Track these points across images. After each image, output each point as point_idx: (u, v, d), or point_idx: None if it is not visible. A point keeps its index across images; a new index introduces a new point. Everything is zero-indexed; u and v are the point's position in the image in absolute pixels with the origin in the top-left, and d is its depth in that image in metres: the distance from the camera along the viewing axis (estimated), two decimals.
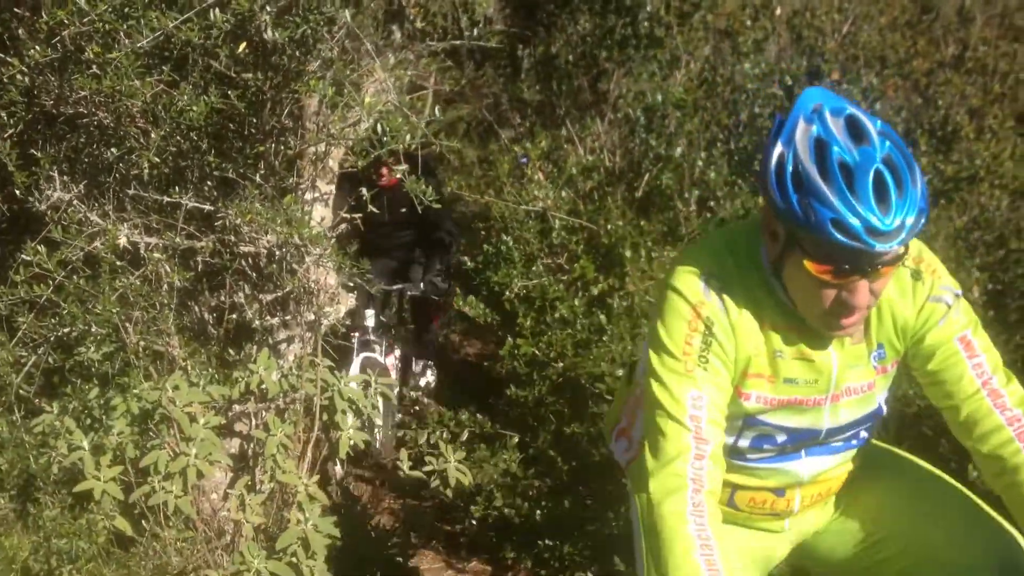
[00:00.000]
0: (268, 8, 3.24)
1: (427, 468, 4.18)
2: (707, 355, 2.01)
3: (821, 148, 1.85)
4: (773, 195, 1.89)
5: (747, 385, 2.10)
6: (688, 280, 2.05)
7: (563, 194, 5.10)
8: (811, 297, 1.94)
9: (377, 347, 5.67)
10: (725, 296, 2.03)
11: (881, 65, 5.21)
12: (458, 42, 5.11)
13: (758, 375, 2.10)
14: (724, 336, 2.02)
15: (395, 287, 5.80)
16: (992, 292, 3.98)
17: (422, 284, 5.65)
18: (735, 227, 2.38)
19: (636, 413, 2.42)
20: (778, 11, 5.43)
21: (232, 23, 3.22)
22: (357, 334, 5.57)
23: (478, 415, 4.79)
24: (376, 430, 5.13)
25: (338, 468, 5.03)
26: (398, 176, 4.69)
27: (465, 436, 4.40)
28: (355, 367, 5.46)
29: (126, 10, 3.22)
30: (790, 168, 1.86)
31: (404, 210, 5.43)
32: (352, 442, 4.12)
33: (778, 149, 1.90)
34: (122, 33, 3.32)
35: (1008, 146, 4.53)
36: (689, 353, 2.01)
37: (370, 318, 5.66)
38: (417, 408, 6.13)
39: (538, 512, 4.40)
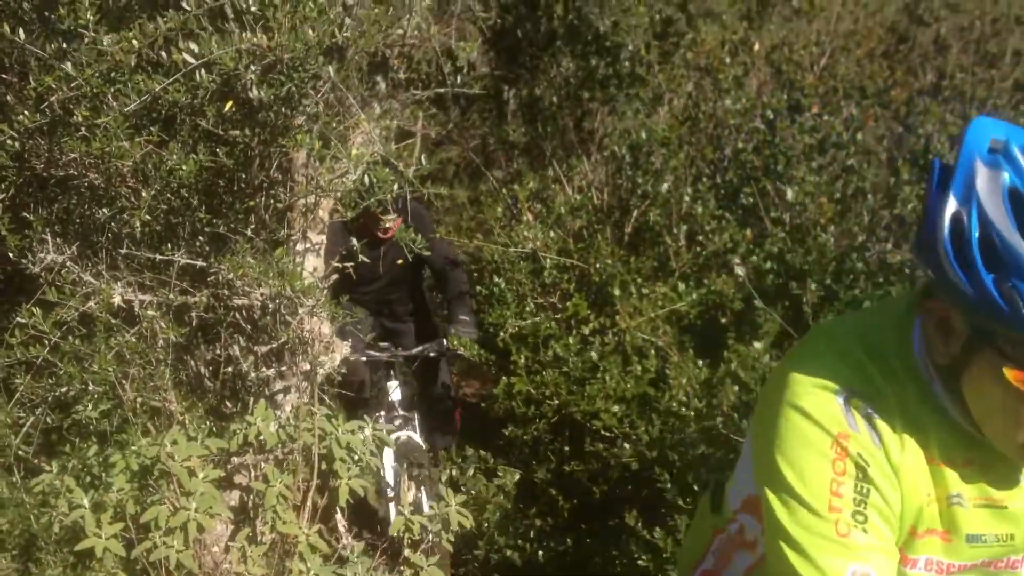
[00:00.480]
0: (253, 67, 3.29)
1: (429, 513, 4.20)
2: (864, 511, 1.41)
3: (1021, 204, 1.30)
4: (951, 275, 1.33)
5: (915, 548, 1.51)
6: (821, 399, 1.46)
7: (552, 234, 5.16)
8: (1009, 417, 1.36)
9: (410, 424, 5.08)
10: (877, 422, 1.44)
11: (860, 96, 5.28)
12: (443, 90, 5.18)
13: (929, 531, 1.49)
14: (884, 481, 1.43)
15: (421, 349, 5.11)
16: None
17: (453, 334, 4.93)
18: (869, 318, 1.65)
19: (733, 556, 1.86)
20: (756, 47, 5.52)
21: (218, 83, 3.27)
22: (382, 413, 5.01)
23: (480, 451, 4.82)
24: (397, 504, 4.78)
25: (339, 518, 5.03)
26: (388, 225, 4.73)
27: (471, 472, 4.42)
28: (390, 457, 4.91)
29: (112, 74, 3.27)
30: (976, 235, 1.30)
31: (400, 262, 5.22)
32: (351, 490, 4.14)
33: (951, 207, 1.34)
34: (110, 96, 3.37)
35: None
36: (839, 508, 1.40)
37: (395, 390, 5.12)
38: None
39: (540, 552, 4.42)
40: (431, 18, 5.32)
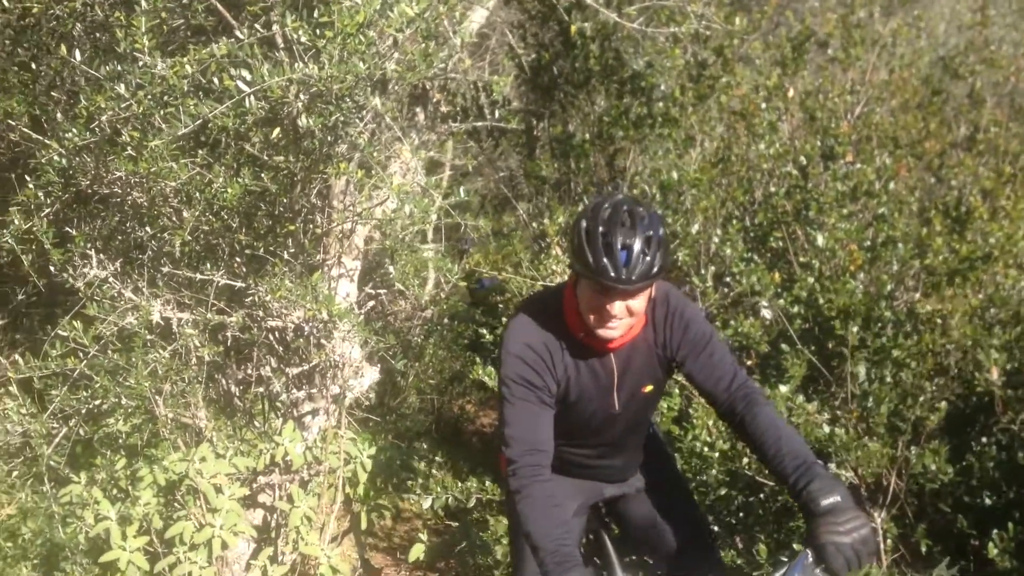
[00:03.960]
0: (301, 96, 3.37)
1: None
2: None
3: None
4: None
5: None
6: None
7: None
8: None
9: None
10: None
11: (894, 145, 5.32)
12: (479, 123, 5.26)
13: None
14: None
15: None
16: (1011, 371, 4.02)
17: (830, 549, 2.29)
18: None
19: None
20: (791, 93, 5.56)
21: (266, 109, 3.34)
22: None
23: (486, 482, 4.81)
24: None
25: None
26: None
27: (472, 503, 4.42)
28: None
29: (165, 98, 3.35)
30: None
31: (648, 388, 2.81)
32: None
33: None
34: (158, 118, 3.45)
35: (1022, 226, 4.60)
36: None
37: None
38: None
39: None
40: (466, 52, 5.43)
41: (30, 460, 4.45)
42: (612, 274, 2.39)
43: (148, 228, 4.03)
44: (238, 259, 4.14)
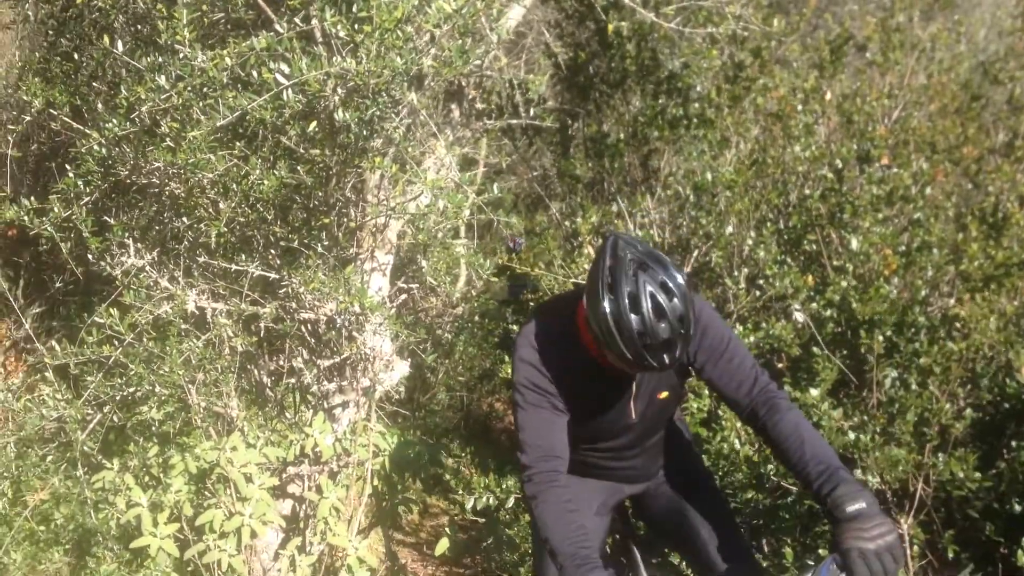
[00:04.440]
0: (339, 90, 3.39)
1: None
2: None
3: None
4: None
5: None
6: None
7: None
8: None
9: None
10: None
11: (931, 150, 5.27)
12: (514, 121, 5.26)
13: None
14: None
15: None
16: None
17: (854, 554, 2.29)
18: None
19: None
20: (828, 96, 5.52)
21: (303, 103, 3.37)
22: None
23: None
24: None
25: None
26: None
27: (511, 502, 4.43)
28: None
29: (204, 89, 3.39)
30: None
31: (664, 394, 2.84)
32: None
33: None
34: (196, 110, 3.49)
35: None
36: None
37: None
38: None
39: None
40: (503, 49, 5.44)
41: (64, 445, 4.51)
42: (656, 365, 2.36)
43: (185, 218, 4.08)
44: (272, 251, 4.18)
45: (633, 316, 2.31)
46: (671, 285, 2.34)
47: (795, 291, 4.54)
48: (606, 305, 2.33)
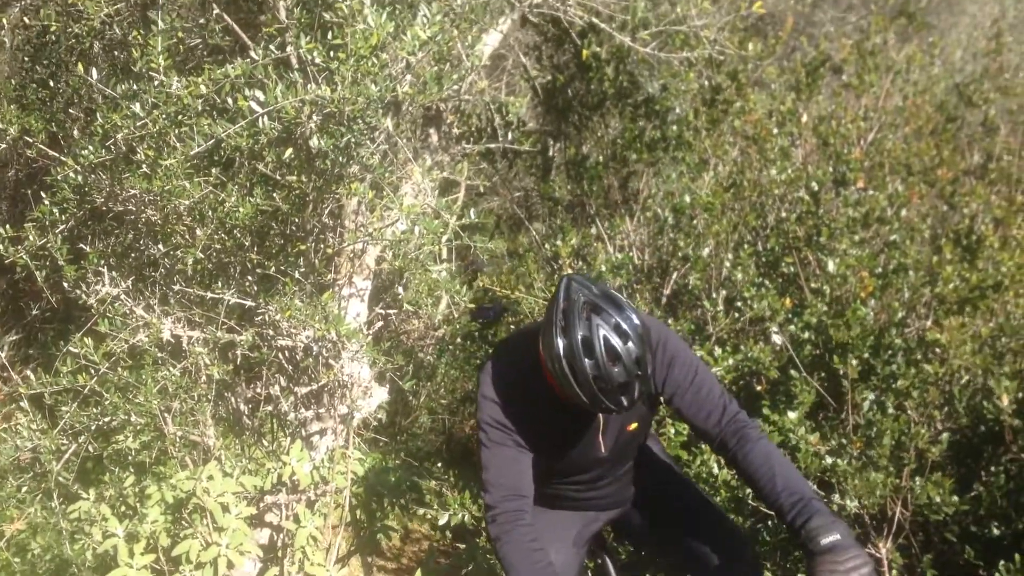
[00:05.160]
0: (314, 117, 3.39)
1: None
2: None
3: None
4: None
5: None
6: None
7: None
8: None
9: None
10: None
11: (906, 172, 5.31)
12: (494, 145, 5.27)
13: None
14: None
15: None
16: (1021, 400, 4.00)
17: None
18: None
19: None
20: (804, 118, 5.56)
21: (279, 130, 3.37)
22: None
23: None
24: None
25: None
26: None
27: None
28: None
29: (179, 117, 3.38)
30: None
31: (633, 426, 2.82)
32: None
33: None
34: (172, 137, 3.48)
35: None
36: None
37: None
38: None
39: None
40: (482, 73, 5.46)
41: (40, 475, 4.46)
42: (614, 409, 2.36)
43: (161, 246, 4.05)
44: (249, 278, 4.16)
45: (587, 360, 2.30)
46: (625, 327, 2.32)
47: (773, 313, 4.55)
48: (560, 349, 2.33)
